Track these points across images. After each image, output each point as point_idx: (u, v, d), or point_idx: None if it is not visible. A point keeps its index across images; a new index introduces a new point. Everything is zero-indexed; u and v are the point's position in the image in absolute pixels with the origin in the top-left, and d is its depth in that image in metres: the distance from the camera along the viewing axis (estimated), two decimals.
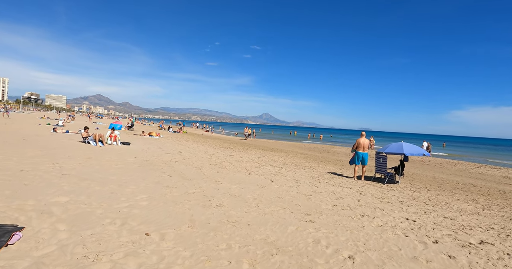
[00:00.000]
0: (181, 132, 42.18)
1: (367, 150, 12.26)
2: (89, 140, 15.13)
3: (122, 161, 10.82)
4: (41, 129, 23.22)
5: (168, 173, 9.16)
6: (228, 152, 17.88)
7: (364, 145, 12.16)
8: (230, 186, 8.13)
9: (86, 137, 15.26)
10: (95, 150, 13.14)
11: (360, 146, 12.17)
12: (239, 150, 20.59)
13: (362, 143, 12.19)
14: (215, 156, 15.17)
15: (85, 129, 15.65)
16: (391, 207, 7.60)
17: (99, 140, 15.24)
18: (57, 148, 12.38)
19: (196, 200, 6.41)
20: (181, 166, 10.77)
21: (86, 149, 12.95)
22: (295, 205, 6.79)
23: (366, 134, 12.49)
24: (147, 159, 11.69)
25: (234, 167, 11.93)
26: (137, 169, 9.39)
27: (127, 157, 11.91)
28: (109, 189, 6.69)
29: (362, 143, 12.18)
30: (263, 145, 29.59)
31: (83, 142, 15.30)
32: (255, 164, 13.49)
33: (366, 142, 12.32)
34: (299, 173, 11.96)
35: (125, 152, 13.43)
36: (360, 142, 12.19)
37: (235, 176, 9.87)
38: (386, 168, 11.69)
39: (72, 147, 13.17)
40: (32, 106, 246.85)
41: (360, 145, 12.17)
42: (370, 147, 36.26)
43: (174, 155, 13.96)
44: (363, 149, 12.11)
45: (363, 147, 12.14)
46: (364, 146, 12.16)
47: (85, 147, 13.79)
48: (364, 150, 12.14)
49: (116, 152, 13.13)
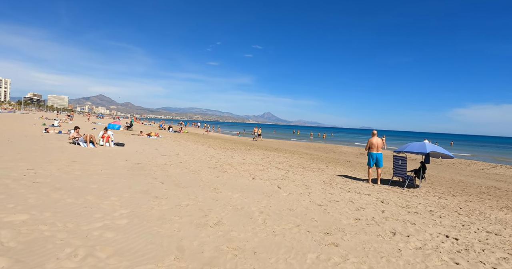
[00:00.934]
0: (181, 132, 41.03)
1: (380, 150, 11.18)
2: (79, 142, 13.96)
3: (110, 165, 9.64)
4: (34, 129, 22.09)
5: (160, 179, 7.97)
6: (229, 153, 16.69)
7: (377, 145, 11.09)
8: (231, 195, 6.93)
9: (75, 138, 14.10)
10: (83, 152, 11.97)
11: (373, 146, 11.09)
12: (241, 150, 19.39)
13: (375, 143, 11.11)
14: (215, 157, 13.98)
15: (75, 129, 14.48)
16: (422, 219, 6.40)
17: (90, 141, 14.07)
18: (40, 151, 11.21)
19: (189, 216, 5.20)
20: (176, 170, 9.58)
21: (73, 152, 11.78)
22: (311, 220, 5.58)
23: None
24: (139, 162, 10.51)
25: (236, 170, 10.74)
26: (125, 175, 8.20)
27: (117, 160, 10.74)
28: (84, 201, 5.50)
29: (374, 143, 11.10)
30: (266, 145, 28.38)
31: (73, 143, 14.14)
32: (259, 166, 12.29)
33: (379, 142, 11.22)
34: (308, 177, 10.76)
35: (117, 154, 12.25)
36: (372, 142, 11.11)
37: (237, 182, 8.67)
38: (405, 171, 10.47)
39: (58, 150, 12.00)
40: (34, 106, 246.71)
41: (373, 145, 11.08)
42: None
43: (170, 157, 12.77)
44: (376, 149, 11.05)
45: (377, 147, 11.07)
46: (378, 146, 11.09)
47: (73, 149, 12.63)
48: (378, 150, 11.07)
49: (106, 154, 11.96)
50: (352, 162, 18.54)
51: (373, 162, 10.97)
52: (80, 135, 14.17)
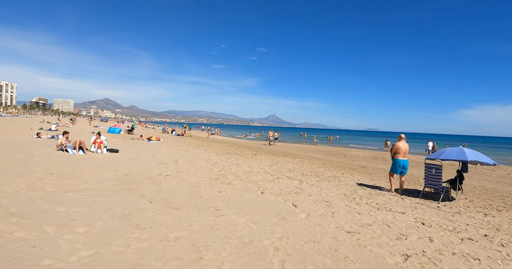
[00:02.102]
0: (185, 136, 39.65)
1: (407, 156, 9.76)
2: (67, 148, 12.58)
3: (94, 177, 8.20)
4: (26, 134, 20.79)
5: (149, 197, 6.50)
6: (234, 159, 15.21)
7: (405, 151, 9.70)
8: (236, 220, 5.42)
9: (63, 144, 12.71)
10: (69, 160, 10.57)
11: (400, 151, 9.68)
12: (246, 156, 17.90)
13: (403, 148, 9.70)
14: (218, 165, 12.50)
15: (64, 135, 13.08)
16: (483, 250, 4.88)
17: (79, 148, 12.68)
18: (19, 160, 9.81)
19: (176, 259, 3.70)
20: (171, 183, 8.11)
21: (57, 160, 10.38)
22: (345, 261, 4.07)
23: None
24: (129, 173, 9.06)
25: (241, 181, 9.25)
26: (106, 191, 6.75)
27: (104, 170, 9.31)
28: (38, 235, 4.06)
29: (402, 147, 9.69)
30: (273, 149, 26.86)
31: (61, 150, 12.75)
32: (267, 176, 10.79)
33: (407, 147, 9.84)
34: (326, 189, 9.25)
35: (107, 162, 10.84)
36: (400, 147, 9.69)
37: (244, 198, 7.16)
38: (440, 182, 8.91)
39: (41, 158, 10.61)
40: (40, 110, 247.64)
41: (400, 151, 9.67)
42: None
43: (167, 165, 11.32)
44: (403, 155, 9.68)
45: (404, 153, 9.68)
46: (405, 152, 9.72)
47: (59, 157, 11.23)
48: (405, 156, 9.70)
49: (94, 163, 10.54)
50: (368, 168, 16.97)
51: (400, 169, 9.61)
52: (69, 141, 12.78)
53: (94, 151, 13.28)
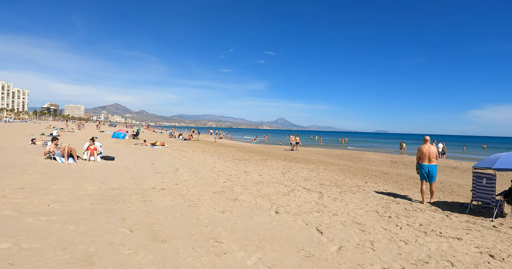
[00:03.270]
0: (192, 140, 38.33)
1: (434, 161, 8.39)
2: (55, 156, 11.23)
3: (73, 192, 6.78)
4: (24, 140, 19.61)
5: (131, 222, 5.03)
6: (242, 166, 13.72)
7: (429, 155, 8.37)
8: (243, 261, 3.84)
9: (51, 151, 11.37)
10: (52, 171, 9.19)
11: (424, 156, 8.38)
12: (256, 162, 16.39)
13: (426, 151, 8.39)
14: (224, 174, 11.02)
15: (53, 141, 11.74)
16: None
17: (69, 155, 11.33)
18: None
19: None
20: (165, 201, 6.63)
21: (37, 171, 9.00)
22: None
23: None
24: (117, 187, 7.61)
25: (250, 196, 7.73)
26: (79, 214, 5.30)
27: (89, 183, 7.89)
28: None
29: (426, 151, 8.39)
30: (285, 154, 25.26)
31: (49, 158, 11.42)
32: (281, 187, 9.27)
33: (433, 151, 8.44)
34: (352, 203, 7.67)
35: (96, 173, 9.44)
36: (423, 151, 8.41)
37: (253, 221, 5.62)
38: (493, 194, 7.28)
39: (20, 167, 9.25)
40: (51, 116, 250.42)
41: (425, 155, 8.38)
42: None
43: (165, 175, 9.88)
44: (428, 160, 8.36)
45: (429, 157, 8.37)
46: (430, 156, 8.37)
47: (43, 166, 9.87)
48: (431, 161, 8.36)
49: (81, 173, 9.15)
50: (390, 174, 15.30)
51: (424, 176, 8.34)
52: (58, 148, 11.44)
53: (86, 159, 11.90)
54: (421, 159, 8.52)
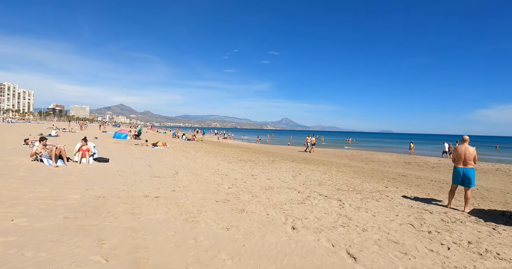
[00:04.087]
0: (195, 140, 37.25)
1: (471, 163, 7.32)
2: (42, 158, 10.16)
3: (50, 202, 5.67)
4: (18, 141, 18.60)
5: (109, 246, 3.89)
6: (248, 169, 12.57)
7: (465, 156, 7.34)
8: None
9: (39, 153, 10.29)
10: (35, 175, 8.09)
11: (459, 158, 7.39)
12: (263, 163, 15.24)
13: (462, 153, 7.37)
14: (229, 178, 9.89)
15: (41, 141, 10.66)
16: None
17: (58, 157, 10.27)
18: None
19: None
20: (157, 213, 5.49)
21: (17, 175, 7.91)
22: None
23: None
24: (104, 195, 6.49)
25: (260, 205, 6.57)
26: (45, 233, 4.18)
27: (72, 189, 6.78)
28: None
29: (461, 153, 7.37)
30: (293, 155, 24.06)
31: (36, 160, 10.35)
32: (294, 193, 8.11)
33: (470, 152, 7.35)
34: (380, 214, 6.50)
35: (83, 177, 8.33)
36: (458, 152, 7.41)
37: (266, 242, 4.46)
38: None
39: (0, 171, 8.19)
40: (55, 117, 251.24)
41: (460, 157, 7.39)
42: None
43: (163, 180, 8.75)
44: (463, 162, 7.34)
45: (464, 159, 7.34)
46: (466, 158, 7.32)
47: (26, 170, 8.78)
48: (467, 164, 7.32)
49: (66, 178, 8.04)
50: (409, 176, 14.08)
51: (458, 180, 7.37)
52: (46, 149, 10.36)
53: (78, 161, 10.82)
54: (456, 161, 7.44)
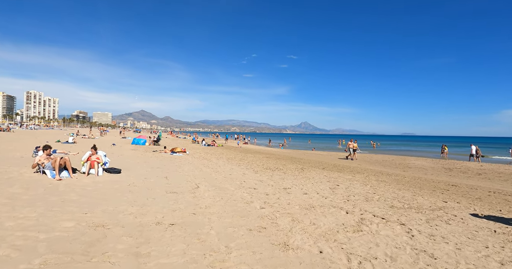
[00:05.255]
0: (215, 145, 35.94)
1: None
2: (45, 169, 8.89)
3: (28, 236, 4.25)
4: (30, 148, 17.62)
5: None
6: (278, 179, 10.99)
7: None
8: None
9: (41, 164, 9.03)
10: (29, 192, 6.76)
11: None
12: (292, 172, 13.62)
13: None
14: (258, 193, 8.31)
15: (45, 151, 9.40)
16: None
17: (63, 169, 8.99)
18: None
19: None
20: (170, 255, 3.96)
21: (9, 191, 6.59)
22: None
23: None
24: (104, 223, 5.03)
25: (306, 235, 4.96)
26: None
27: (65, 214, 5.36)
28: None
29: None
30: (320, 161, 22.27)
31: (38, 171, 9.10)
32: (342, 215, 6.46)
33: None
34: (465, 247, 4.80)
35: (84, 195, 6.92)
36: None
37: None
38: None
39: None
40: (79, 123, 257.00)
41: None
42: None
43: (180, 197, 7.27)
44: None
45: None
46: None
47: (23, 184, 7.48)
48: None
49: (64, 196, 6.66)
50: (459, 186, 12.15)
51: None
52: (49, 159, 9.09)
53: (85, 173, 9.51)
54: None
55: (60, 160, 8.88)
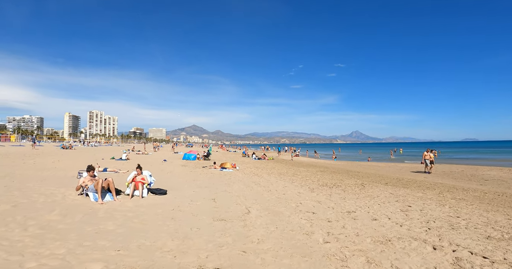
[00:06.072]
0: (266, 159, 35.03)
1: None
2: (88, 192, 8.42)
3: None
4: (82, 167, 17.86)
5: None
6: (338, 199, 9.66)
7: None
8: None
9: (84, 186, 8.58)
10: (66, 219, 6.17)
11: None
12: (352, 189, 12.19)
13: None
14: (318, 218, 7.10)
15: (89, 172, 8.98)
16: None
17: (106, 191, 8.47)
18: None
19: None
20: None
21: (44, 219, 6.03)
22: None
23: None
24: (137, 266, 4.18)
25: None
26: None
27: (93, 253, 4.56)
28: None
29: None
30: (379, 174, 20.33)
31: (81, 194, 8.66)
32: (429, 252, 5.04)
33: None
34: None
35: (122, 224, 6.17)
36: None
37: None
38: None
39: (29, 211, 6.40)
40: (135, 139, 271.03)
41: None
42: None
43: (229, 225, 6.29)
44: None
45: None
46: None
47: (62, 209, 6.96)
48: None
49: (100, 225, 5.95)
50: None
51: None
52: (93, 181, 8.62)
53: (129, 194, 8.91)
54: None
55: (103, 182, 8.36)
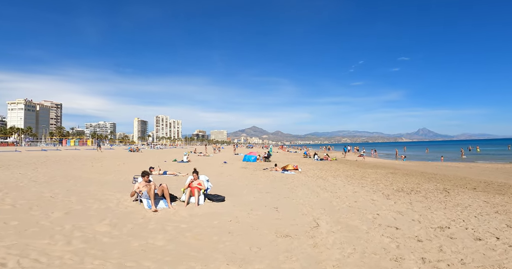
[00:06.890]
0: (329, 160, 33.32)
1: None
2: (142, 198, 7.89)
3: None
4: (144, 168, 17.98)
5: None
6: (422, 210, 8.10)
7: None
8: None
9: (137, 192, 8.07)
10: (115, 229, 5.58)
11: None
12: (434, 196, 10.43)
13: None
14: (405, 236, 5.74)
15: (144, 177, 8.44)
16: None
17: (161, 197, 7.89)
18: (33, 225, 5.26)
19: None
20: None
21: (91, 230, 5.49)
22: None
23: None
24: None
25: None
26: None
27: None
28: None
29: None
30: (460, 176, 17.75)
31: (136, 200, 8.18)
32: None
33: None
34: None
35: (172, 239, 5.38)
36: None
37: None
38: None
39: (81, 219, 5.93)
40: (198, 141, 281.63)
41: None
42: None
43: (295, 244, 5.21)
44: None
45: None
46: None
47: (114, 216, 6.43)
48: None
49: (149, 239, 5.23)
50: None
51: None
52: (147, 187, 8.08)
53: (184, 201, 8.24)
54: None
55: (157, 188, 7.78)
